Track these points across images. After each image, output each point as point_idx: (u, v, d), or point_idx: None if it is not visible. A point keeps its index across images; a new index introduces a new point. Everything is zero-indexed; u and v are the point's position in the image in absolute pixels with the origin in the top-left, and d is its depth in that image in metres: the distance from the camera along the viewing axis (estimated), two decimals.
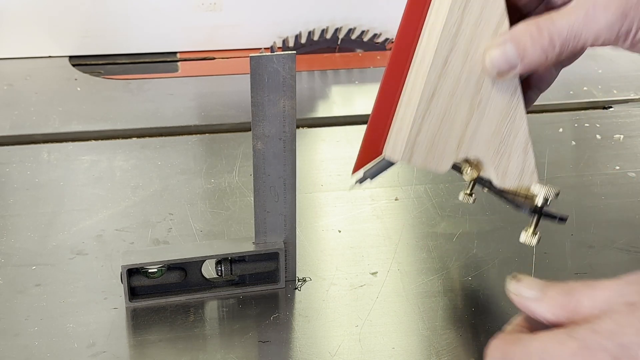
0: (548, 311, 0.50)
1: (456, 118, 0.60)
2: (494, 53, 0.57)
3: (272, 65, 0.60)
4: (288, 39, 1.13)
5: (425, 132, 0.59)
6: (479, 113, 0.60)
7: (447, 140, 0.60)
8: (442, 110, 0.59)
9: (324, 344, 0.63)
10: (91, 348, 0.62)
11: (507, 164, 0.62)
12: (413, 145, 0.59)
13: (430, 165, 0.60)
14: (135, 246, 0.73)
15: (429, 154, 0.60)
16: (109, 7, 1.09)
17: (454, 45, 0.58)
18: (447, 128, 0.60)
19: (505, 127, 0.61)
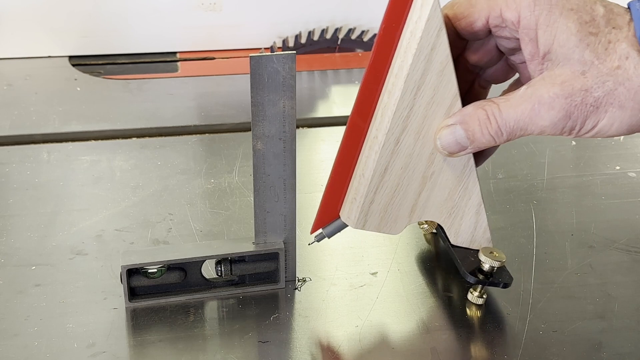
0: None
1: (409, 189, 0.63)
2: (444, 136, 0.60)
3: (272, 65, 0.60)
4: (288, 39, 1.13)
5: (378, 202, 0.62)
6: (431, 183, 0.63)
7: (400, 208, 0.63)
8: (394, 183, 0.62)
9: (324, 344, 0.63)
10: (91, 348, 0.61)
11: (460, 225, 0.65)
12: (366, 214, 0.63)
13: (383, 230, 0.64)
14: (135, 246, 0.73)
15: (382, 221, 0.64)
16: (109, 7, 1.09)
17: (406, 126, 0.60)
18: (400, 197, 0.63)
19: (458, 194, 0.64)
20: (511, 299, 0.67)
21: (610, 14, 0.56)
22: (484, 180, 0.84)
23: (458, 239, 0.66)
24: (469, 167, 0.62)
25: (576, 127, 0.57)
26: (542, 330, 0.64)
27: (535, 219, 0.77)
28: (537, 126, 0.57)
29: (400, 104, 0.59)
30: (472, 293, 0.66)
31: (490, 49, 0.63)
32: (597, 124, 0.56)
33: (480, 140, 0.59)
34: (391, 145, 0.60)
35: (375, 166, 0.61)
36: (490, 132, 0.58)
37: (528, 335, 0.63)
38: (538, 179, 0.84)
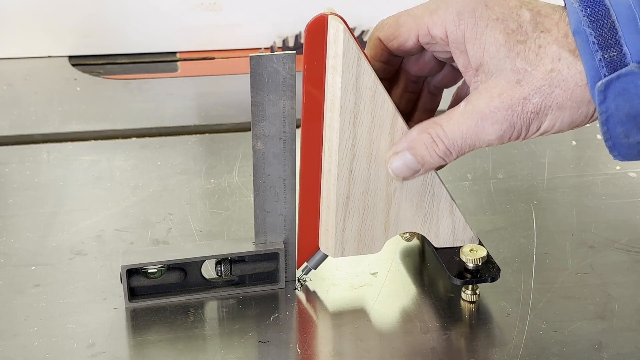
0: None
1: (376, 209, 0.64)
2: (395, 164, 0.61)
3: (272, 65, 0.60)
4: (288, 39, 1.13)
5: (350, 229, 0.64)
6: (397, 199, 0.63)
7: (373, 228, 0.64)
8: (360, 208, 0.63)
9: (324, 344, 0.63)
10: (91, 348, 0.61)
11: (438, 228, 0.66)
12: (342, 242, 0.64)
13: (363, 251, 0.65)
14: (135, 246, 0.73)
15: (359, 243, 0.65)
16: (109, 7, 1.09)
17: (354, 154, 0.61)
18: (370, 220, 0.64)
19: (426, 201, 0.64)
20: (511, 299, 0.67)
21: (538, 17, 0.56)
22: (484, 180, 0.84)
23: (440, 241, 0.66)
24: (429, 175, 0.63)
25: (522, 134, 0.57)
26: (542, 330, 0.64)
27: (536, 219, 0.77)
28: (484, 141, 0.57)
29: (342, 136, 0.60)
30: (465, 292, 0.66)
31: (429, 60, 0.63)
32: (540, 126, 0.57)
33: (430, 162, 0.59)
34: (345, 174, 0.61)
35: (337, 197, 0.62)
36: (439, 154, 0.59)
37: (528, 335, 0.63)
38: (538, 179, 0.84)
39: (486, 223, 0.76)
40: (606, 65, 0.53)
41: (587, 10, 0.53)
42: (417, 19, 0.59)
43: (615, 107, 0.53)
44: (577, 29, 0.54)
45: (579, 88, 0.55)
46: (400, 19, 0.60)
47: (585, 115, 0.56)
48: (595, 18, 0.53)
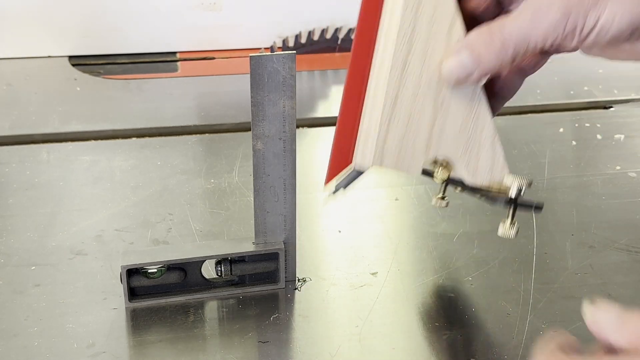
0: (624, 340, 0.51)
1: (422, 119, 0.61)
2: (450, 62, 0.59)
3: (272, 65, 0.60)
4: (288, 39, 1.13)
5: (393, 135, 0.60)
6: (443, 112, 0.61)
7: (415, 141, 0.61)
8: (406, 113, 0.60)
9: (324, 344, 0.63)
10: (91, 348, 0.61)
11: (477, 161, 0.62)
12: (382, 149, 0.60)
13: (401, 167, 0.61)
14: (135, 246, 0.73)
15: (399, 156, 0.61)
16: (109, 7, 1.09)
17: (410, 47, 0.59)
18: (414, 129, 0.61)
19: (471, 124, 0.62)
20: (511, 299, 0.67)
21: None
22: None
23: (477, 177, 0.63)
24: (477, 94, 0.61)
25: (577, 26, 0.56)
26: (542, 330, 0.64)
27: (536, 219, 0.77)
28: (539, 32, 0.56)
29: (403, 22, 0.58)
30: (504, 223, 0.63)
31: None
32: (599, 19, 0.56)
33: (487, 61, 0.58)
34: (399, 68, 0.59)
35: (386, 95, 0.59)
36: (495, 50, 0.57)
37: (528, 335, 0.63)
38: (538, 179, 0.84)
39: (486, 223, 0.76)
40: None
41: None
42: None
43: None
44: None
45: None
46: None
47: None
48: None
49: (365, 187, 0.82)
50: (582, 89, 1.04)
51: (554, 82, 1.05)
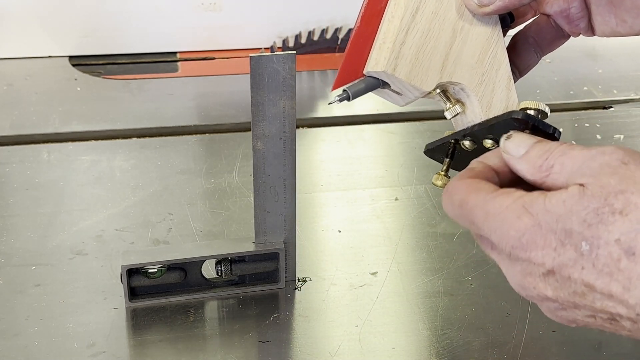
0: (527, 171, 0.51)
1: (440, 37, 0.60)
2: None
3: (272, 65, 0.60)
4: (288, 39, 1.13)
5: (409, 45, 0.59)
6: (462, 39, 0.60)
7: (432, 57, 0.60)
8: (425, 27, 0.59)
9: (324, 344, 0.63)
10: (91, 348, 0.61)
11: (491, 97, 0.61)
12: (397, 55, 0.58)
13: (414, 80, 0.59)
14: (135, 246, 0.73)
15: (413, 67, 0.59)
16: (109, 7, 1.09)
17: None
18: (431, 45, 0.59)
19: (488, 59, 0.61)
20: (511, 299, 0.67)
21: None
22: None
23: (490, 115, 0.61)
24: (496, 33, 0.61)
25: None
26: (542, 330, 0.64)
27: None
28: None
29: None
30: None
31: None
32: None
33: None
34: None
35: (406, 6, 0.58)
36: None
37: (528, 335, 0.63)
38: None
39: None
40: None
41: None
42: None
43: None
44: None
45: None
46: None
47: None
48: None
49: (365, 187, 0.82)
50: (581, 89, 1.04)
51: (553, 82, 1.05)
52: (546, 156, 0.51)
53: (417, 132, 0.93)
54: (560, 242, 0.47)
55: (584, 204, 0.47)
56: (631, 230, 0.46)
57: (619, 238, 0.46)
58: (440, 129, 0.93)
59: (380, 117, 0.96)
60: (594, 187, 0.47)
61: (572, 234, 0.47)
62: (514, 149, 0.53)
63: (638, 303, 0.46)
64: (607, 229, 0.46)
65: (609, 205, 0.46)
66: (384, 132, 0.94)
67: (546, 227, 0.47)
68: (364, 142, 0.92)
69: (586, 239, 0.46)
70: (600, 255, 0.46)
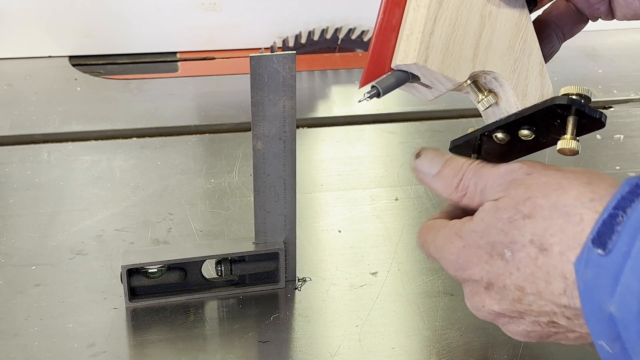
0: (443, 190, 0.55)
1: (468, 25, 0.57)
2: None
3: (272, 65, 0.60)
4: (288, 39, 1.13)
5: (439, 34, 0.56)
6: (491, 24, 0.58)
7: (462, 46, 0.57)
8: (453, 14, 0.57)
9: (324, 344, 0.63)
10: (91, 348, 0.62)
11: (526, 85, 0.60)
12: (427, 47, 0.56)
13: (447, 70, 0.56)
14: (135, 246, 0.73)
15: (444, 58, 0.57)
16: (109, 7, 1.09)
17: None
18: (461, 33, 0.57)
19: (518, 45, 0.59)
20: None
21: None
22: None
23: (526, 103, 0.59)
24: (524, 17, 0.59)
25: None
26: None
27: None
28: None
29: None
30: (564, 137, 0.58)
31: None
32: None
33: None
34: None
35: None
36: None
37: None
38: None
39: None
40: None
41: None
42: None
43: None
44: None
45: None
46: None
47: None
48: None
49: (365, 187, 0.82)
50: None
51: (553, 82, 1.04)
52: (460, 176, 0.55)
53: (417, 132, 0.93)
54: (489, 254, 0.51)
55: (498, 216, 0.51)
56: (539, 228, 0.49)
57: (532, 238, 0.49)
58: (440, 129, 0.94)
59: (380, 117, 0.96)
60: (505, 200, 0.51)
61: (495, 245, 0.51)
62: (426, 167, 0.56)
63: (560, 294, 0.49)
64: (520, 232, 0.50)
65: (519, 212, 0.50)
66: (384, 132, 0.94)
67: (474, 245, 0.52)
68: (364, 142, 0.92)
69: (507, 246, 0.50)
70: (521, 258, 0.50)
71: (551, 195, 0.50)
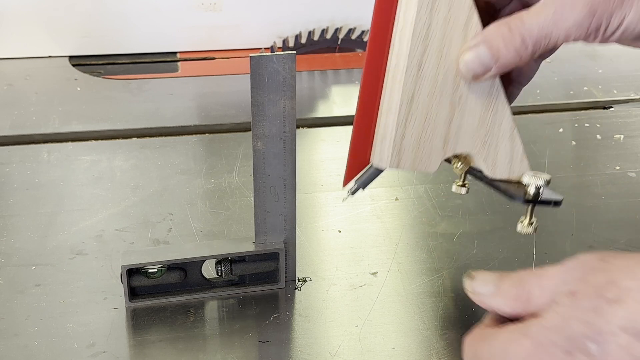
0: (504, 305, 0.51)
1: (439, 117, 0.60)
2: (467, 57, 0.57)
3: (272, 65, 0.60)
4: (288, 39, 1.13)
5: (410, 135, 0.59)
6: (461, 109, 0.60)
7: (433, 140, 0.60)
8: (423, 112, 0.59)
9: (324, 344, 0.63)
10: (91, 348, 0.62)
11: (496, 154, 0.62)
12: (399, 150, 0.60)
13: (419, 167, 0.61)
14: (135, 246, 0.73)
15: (416, 156, 0.60)
16: (109, 7, 1.09)
17: (426, 47, 0.58)
18: (431, 128, 0.60)
19: (489, 119, 0.61)
20: None
21: None
22: None
23: (496, 171, 0.62)
24: (495, 87, 0.60)
25: (602, 26, 0.54)
26: None
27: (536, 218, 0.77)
28: (561, 29, 0.54)
29: (418, 23, 0.57)
30: (522, 222, 0.62)
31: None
32: (624, 20, 0.54)
33: (505, 56, 0.56)
34: (414, 69, 0.58)
35: (401, 96, 0.58)
36: (515, 46, 0.55)
37: None
38: None
39: (486, 223, 0.77)
40: None
41: None
42: None
43: None
44: None
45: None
46: None
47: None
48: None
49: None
50: (581, 89, 1.04)
51: (553, 82, 1.05)
52: (522, 285, 0.51)
53: None
54: (567, 351, 0.46)
55: (580, 306, 0.46)
56: (632, 313, 0.45)
57: (624, 325, 0.45)
58: None
59: None
60: (584, 289, 0.47)
61: (575, 339, 0.46)
62: (483, 288, 0.53)
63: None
64: (609, 320, 0.45)
65: (604, 298, 0.46)
66: None
67: (547, 343, 0.47)
68: None
69: (591, 339, 0.45)
70: (611, 349, 0.45)
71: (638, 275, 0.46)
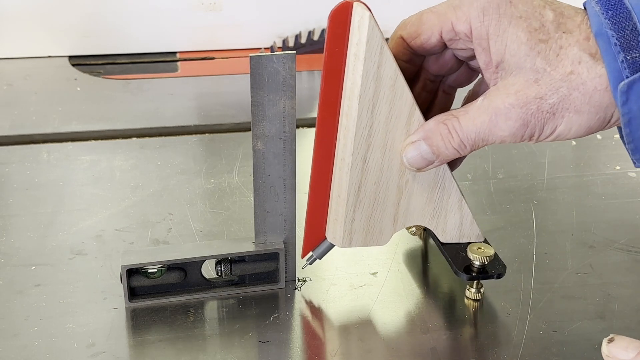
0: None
1: (386, 201, 0.63)
2: (410, 153, 0.60)
3: (272, 65, 0.60)
4: (288, 39, 1.13)
5: (360, 219, 0.63)
6: (408, 191, 0.63)
7: (382, 219, 0.64)
8: (371, 199, 0.63)
9: (324, 344, 0.63)
10: (91, 348, 0.61)
11: (445, 224, 0.65)
12: (350, 232, 0.64)
13: (370, 243, 0.65)
14: (135, 246, 0.73)
15: (367, 235, 0.64)
16: (109, 7, 1.09)
17: (369, 144, 0.60)
18: (380, 211, 0.63)
19: (437, 195, 0.64)
20: (511, 299, 0.67)
21: (561, 17, 0.56)
22: (484, 180, 0.84)
23: (446, 236, 0.66)
24: (441, 167, 0.63)
25: (535, 134, 0.57)
26: (542, 330, 0.64)
27: (536, 219, 0.77)
28: (497, 137, 0.57)
29: (359, 125, 0.60)
30: (470, 289, 0.66)
31: (449, 59, 0.63)
32: (556, 129, 0.57)
33: (445, 153, 0.59)
34: (359, 164, 0.61)
35: (349, 187, 0.62)
36: (454, 146, 0.59)
37: (528, 335, 0.63)
38: (538, 179, 0.84)
39: (486, 223, 0.77)
40: (628, 66, 0.53)
41: (608, 13, 0.53)
42: (440, 15, 0.58)
43: (638, 109, 0.53)
44: (599, 31, 0.54)
45: (597, 92, 0.54)
46: (423, 17, 0.59)
47: (602, 120, 0.56)
48: (617, 20, 0.53)
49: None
50: None
51: None
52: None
53: None
54: None
55: None
56: None
57: None
58: None
59: None
60: None
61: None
62: (621, 354, 0.53)
63: None
64: None
65: None
66: None
67: None
68: None
69: None
70: None
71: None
